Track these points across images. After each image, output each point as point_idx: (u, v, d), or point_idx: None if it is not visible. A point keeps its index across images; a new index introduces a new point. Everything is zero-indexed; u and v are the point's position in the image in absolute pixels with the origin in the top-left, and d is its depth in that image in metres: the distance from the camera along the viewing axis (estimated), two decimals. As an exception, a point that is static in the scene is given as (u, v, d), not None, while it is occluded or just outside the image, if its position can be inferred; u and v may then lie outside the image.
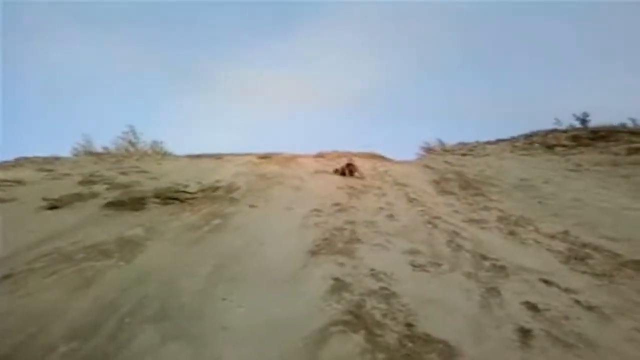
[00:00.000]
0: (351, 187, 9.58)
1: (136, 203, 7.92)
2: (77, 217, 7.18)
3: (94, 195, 8.36)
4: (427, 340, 3.85)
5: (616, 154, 11.69)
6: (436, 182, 10.57)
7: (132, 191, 8.54)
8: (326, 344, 3.80)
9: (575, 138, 13.22)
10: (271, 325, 4.11)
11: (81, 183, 9.19)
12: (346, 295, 4.64)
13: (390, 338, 3.87)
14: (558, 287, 4.88)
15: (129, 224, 6.85)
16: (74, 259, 5.41)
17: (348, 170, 10.68)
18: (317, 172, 11.27)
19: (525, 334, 3.97)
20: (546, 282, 5.00)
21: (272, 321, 4.18)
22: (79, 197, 8.20)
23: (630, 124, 13.55)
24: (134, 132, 15.11)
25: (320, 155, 13.41)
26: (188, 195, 8.43)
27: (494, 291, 4.77)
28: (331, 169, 11.41)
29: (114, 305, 4.42)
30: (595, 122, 14.05)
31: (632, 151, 11.52)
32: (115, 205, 7.85)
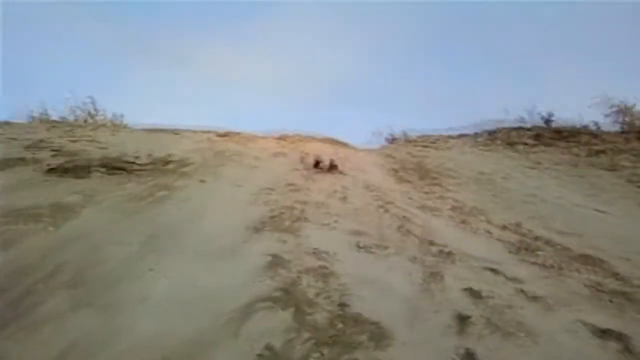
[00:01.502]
0: (308, 169, 9.34)
1: (80, 171, 7.53)
2: (13, 181, 6.79)
3: (37, 161, 7.94)
4: (359, 321, 3.64)
5: (576, 154, 11.71)
6: (395, 171, 10.40)
7: (78, 159, 8.15)
8: (250, 320, 3.57)
9: (537, 137, 13.22)
10: (195, 298, 3.87)
11: (27, 148, 8.75)
12: (282, 272, 4.41)
13: (320, 317, 3.65)
14: (505, 276, 4.72)
15: (68, 191, 6.49)
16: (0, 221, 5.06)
17: (329, 165, 10.00)
18: (276, 153, 10.99)
19: (463, 320, 3.78)
20: (493, 270, 4.83)
21: (197, 294, 3.94)
22: (22, 162, 7.79)
23: (592, 127, 13.62)
24: (93, 104, 14.62)
25: (281, 138, 13.11)
26: (136, 167, 8.08)
27: (437, 276, 4.59)
28: (291, 152, 11.13)
29: (28, 270, 4.11)
30: (558, 122, 14.07)
31: (591, 153, 11.55)
32: (58, 171, 7.45)
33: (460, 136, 14.97)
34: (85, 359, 3.21)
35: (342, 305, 3.86)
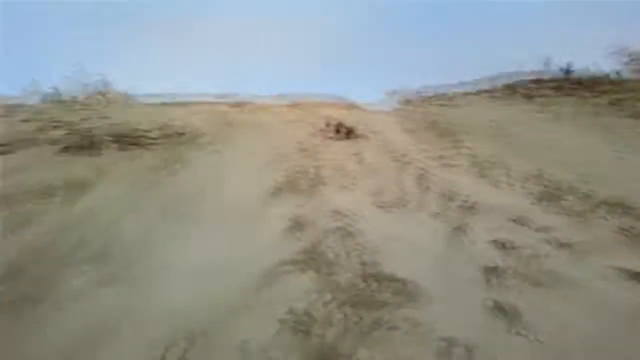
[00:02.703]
0: (323, 133, 9.19)
1: (94, 147, 7.50)
2: (27, 161, 6.76)
3: (51, 140, 7.91)
4: (384, 279, 3.56)
5: (597, 104, 11.42)
6: (412, 132, 10.20)
7: (91, 135, 8.09)
8: (273, 284, 3.51)
9: (557, 88, 12.88)
10: (217, 265, 3.82)
11: (40, 130, 8.71)
12: (303, 235, 4.33)
13: (343, 278, 3.59)
14: (528, 226, 4.60)
15: (81, 167, 6.46)
16: (13, 200, 5.02)
17: (346, 131, 9.73)
18: (289, 120, 10.83)
19: (491, 271, 3.68)
20: (516, 221, 4.71)
21: (219, 260, 3.89)
22: (35, 142, 7.76)
23: (613, 75, 13.24)
24: (103, 81, 14.48)
25: (294, 105, 12.93)
26: (150, 141, 8.01)
27: (460, 230, 4.48)
28: (305, 118, 10.94)
29: (49, 248, 4.08)
30: (578, 71, 13.69)
31: (613, 101, 11.25)
32: (71, 149, 7.42)
33: (478, 92, 14.66)
34: (114, 331, 3.20)
35: (364, 264, 3.78)
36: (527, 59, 14.40)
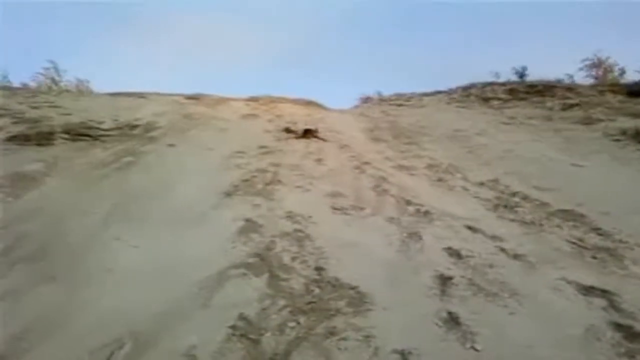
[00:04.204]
0: (281, 131, 9.08)
1: (42, 138, 7.23)
2: (-32, 150, 6.48)
3: (-4, 128, 7.60)
4: (337, 286, 3.49)
5: (550, 108, 11.63)
6: (370, 130, 10.20)
7: (40, 126, 7.81)
8: (222, 289, 3.40)
9: (511, 92, 13.10)
10: (165, 268, 3.69)
11: (-15, 116, 8.36)
12: (255, 236, 4.25)
13: (296, 283, 3.50)
14: (484, 234, 4.60)
15: (29, 159, 6.22)
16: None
17: (309, 134, 9.47)
18: (247, 115, 10.67)
19: (445, 281, 3.66)
20: (471, 228, 4.71)
21: (167, 263, 3.77)
22: (-21, 131, 7.45)
23: (566, 80, 13.54)
24: (56, 69, 14.03)
25: (252, 100, 12.76)
26: (102, 132, 7.79)
27: (415, 236, 4.45)
28: (262, 114, 10.80)
29: (-16, 243, 3.88)
30: (532, 76, 13.97)
31: (566, 107, 11.48)
32: (19, 139, 7.14)
33: (435, 93, 14.80)
34: (47, 336, 3.02)
35: (319, 269, 3.72)
36: (484, 66, 14.65)
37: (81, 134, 7.58)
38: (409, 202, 5.34)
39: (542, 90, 12.78)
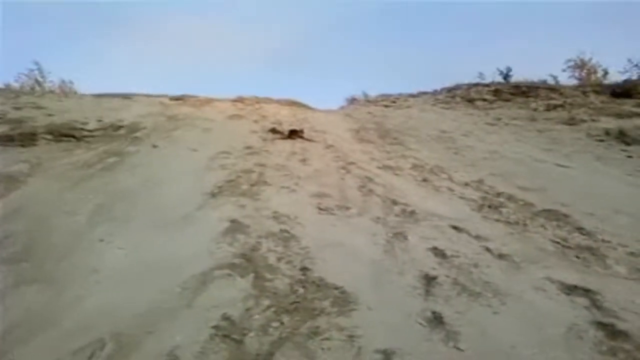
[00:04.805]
0: (267, 132, 9.06)
1: (26, 139, 7.17)
2: (-50, 151, 6.41)
3: (-22, 129, 7.52)
4: (322, 286, 3.48)
5: (534, 109, 11.72)
6: (356, 131, 10.21)
7: (23, 126, 7.74)
8: (206, 289, 3.38)
9: (496, 92, 13.19)
10: (149, 268, 3.67)
11: (-33, 117, 8.27)
12: (241, 237, 4.23)
13: (281, 283, 3.49)
14: (469, 234, 4.61)
15: (12, 160, 6.16)
16: None
17: (295, 134, 9.39)
18: (232, 115, 10.64)
19: (429, 281, 3.66)
20: (457, 228, 4.73)
21: (151, 264, 3.74)
22: (-39, 131, 7.37)
23: (550, 81, 13.66)
24: (40, 70, 13.91)
25: (238, 100, 12.72)
26: (85, 133, 7.74)
27: (400, 236, 4.46)
28: (248, 114, 10.76)
29: (-34, 245, 3.83)
30: (517, 77, 14.07)
31: (550, 107, 11.57)
32: (2, 140, 7.07)
33: (420, 94, 14.86)
34: (30, 338, 2.99)
35: (304, 269, 3.71)
36: (469, 67, 14.74)
37: (65, 134, 7.53)
38: (394, 202, 5.35)
39: (526, 91, 12.90)
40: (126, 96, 11.78)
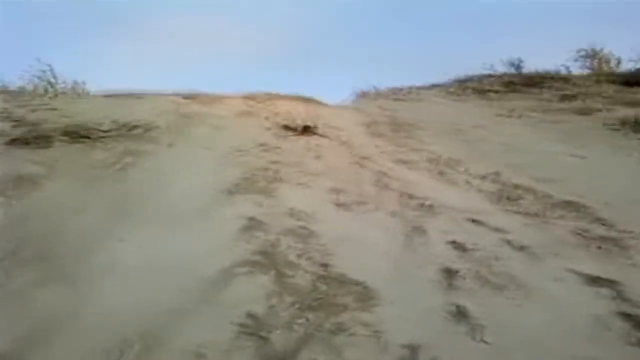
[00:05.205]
0: (279, 128, 9.05)
1: (42, 141, 7.19)
2: (-31, 155, 6.45)
3: (-4, 133, 7.56)
4: (343, 281, 3.48)
5: (548, 100, 11.63)
6: (368, 125, 10.17)
7: (39, 129, 7.77)
8: (228, 286, 3.39)
9: (508, 84, 13.09)
10: (169, 267, 3.67)
11: (-16, 121, 8.32)
12: (260, 234, 4.23)
13: (303, 279, 3.49)
14: (488, 226, 4.60)
15: (30, 162, 6.19)
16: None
17: (308, 130, 9.35)
18: (244, 112, 10.63)
19: (451, 274, 3.65)
20: (475, 221, 4.71)
21: (170, 262, 3.74)
22: (-21, 135, 7.41)
23: (562, 71, 13.54)
24: (52, 72, 13.94)
25: (248, 97, 12.71)
26: (101, 134, 7.74)
27: (419, 230, 4.45)
28: (260, 111, 10.75)
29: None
30: (528, 68, 13.96)
31: (563, 98, 11.48)
32: (18, 143, 7.10)
33: (431, 87, 14.77)
34: (54, 336, 3.00)
35: (325, 265, 3.71)
36: (480, 59, 14.63)
37: (80, 135, 7.54)
38: (411, 196, 5.33)
39: (538, 82, 12.79)
40: (138, 96, 11.80)
